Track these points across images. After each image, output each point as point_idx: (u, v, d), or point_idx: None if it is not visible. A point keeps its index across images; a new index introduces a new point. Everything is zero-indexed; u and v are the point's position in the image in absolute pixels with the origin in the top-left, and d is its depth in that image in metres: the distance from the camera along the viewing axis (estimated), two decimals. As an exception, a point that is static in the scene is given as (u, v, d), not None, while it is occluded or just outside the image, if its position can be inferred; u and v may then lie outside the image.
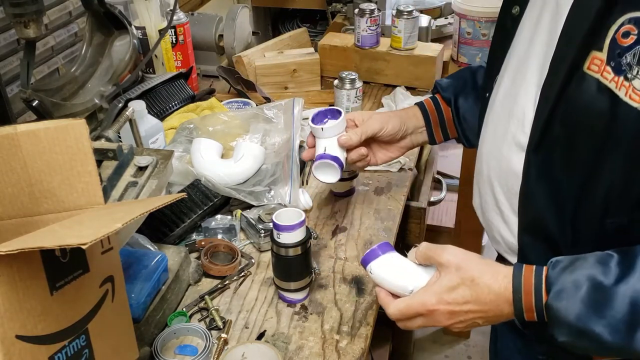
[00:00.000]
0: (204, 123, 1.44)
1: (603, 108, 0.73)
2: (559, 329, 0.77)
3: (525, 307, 0.79)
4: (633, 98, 0.70)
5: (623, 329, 0.72)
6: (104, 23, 1.43)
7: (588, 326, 0.74)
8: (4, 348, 0.59)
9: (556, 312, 0.76)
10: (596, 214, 0.80)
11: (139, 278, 0.98)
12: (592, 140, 0.76)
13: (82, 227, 0.67)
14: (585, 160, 0.78)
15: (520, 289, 0.80)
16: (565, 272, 0.77)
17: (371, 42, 1.76)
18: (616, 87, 0.71)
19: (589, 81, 0.75)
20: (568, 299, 0.75)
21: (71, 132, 0.77)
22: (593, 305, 0.74)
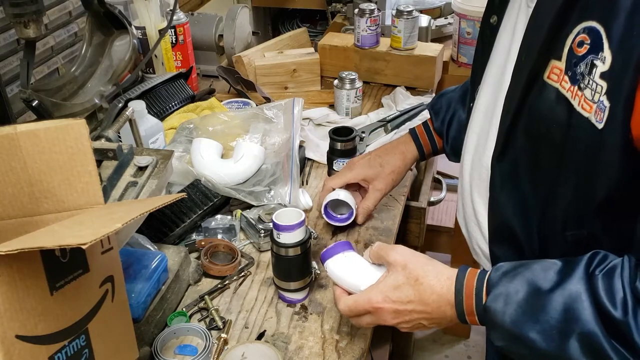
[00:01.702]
0: (204, 123, 1.44)
1: (561, 118, 0.73)
2: (495, 332, 0.77)
3: (467, 310, 0.80)
4: (585, 108, 0.70)
5: (556, 336, 0.71)
6: (104, 23, 1.43)
7: (523, 331, 0.73)
8: (4, 348, 0.59)
9: (493, 316, 0.76)
10: (557, 225, 0.80)
11: (139, 278, 0.98)
12: (553, 150, 0.76)
13: (82, 227, 0.67)
14: (548, 172, 0.78)
15: (462, 291, 0.80)
16: (506, 277, 0.77)
17: (371, 42, 1.76)
18: (572, 97, 0.72)
19: (549, 90, 0.75)
20: (505, 303, 0.75)
21: (71, 132, 0.77)
22: (529, 310, 0.73)
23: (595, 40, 0.68)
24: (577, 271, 0.72)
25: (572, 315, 0.70)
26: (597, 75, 0.68)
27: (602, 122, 0.68)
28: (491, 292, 0.77)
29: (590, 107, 0.69)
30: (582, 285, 0.70)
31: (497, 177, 0.85)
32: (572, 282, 0.71)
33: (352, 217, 1.23)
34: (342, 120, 1.60)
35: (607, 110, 0.67)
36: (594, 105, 0.69)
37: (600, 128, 0.69)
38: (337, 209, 1.25)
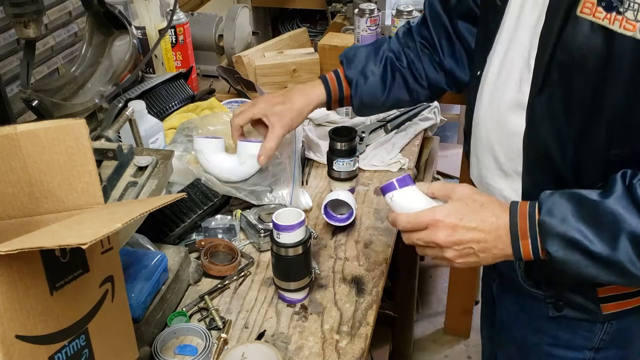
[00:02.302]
0: (204, 123, 1.43)
1: (597, 46, 0.79)
2: (551, 241, 0.82)
3: (521, 232, 0.85)
4: (627, 28, 0.76)
5: (607, 237, 0.79)
6: (104, 23, 1.43)
7: (577, 236, 0.80)
8: (4, 348, 0.59)
9: (548, 226, 0.82)
10: (600, 147, 0.85)
11: (139, 278, 0.98)
12: (588, 79, 0.82)
13: (82, 227, 0.67)
14: (584, 101, 0.84)
15: (517, 213, 0.86)
16: (554, 194, 0.84)
17: None
18: (610, 23, 0.77)
19: (582, 23, 0.80)
20: (558, 212, 0.82)
21: (71, 132, 0.77)
22: (580, 216, 0.81)
23: None
24: (617, 185, 0.80)
25: (618, 217, 0.78)
26: None
27: None
28: (543, 207, 0.83)
29: (634, 26, 0.75)
30: (623, 194, 0.79)
31: (537, 112, 0.89)
32: (614, 192, 0.80)
33: (352, 217, 1.23)
34: (342, 120, 1.60)
35: None
36: (637, 24, 0.75)
37: None
38: (337, 209, 1.25)
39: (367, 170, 1.44)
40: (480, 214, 0.87)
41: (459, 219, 0.87)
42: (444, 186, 0.92)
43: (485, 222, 0.86)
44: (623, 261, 0.78)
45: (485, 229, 0.86)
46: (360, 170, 1.40)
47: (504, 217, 0.86)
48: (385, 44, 1.26)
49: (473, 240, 0.86)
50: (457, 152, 2.73)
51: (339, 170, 1.31)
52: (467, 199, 0.89)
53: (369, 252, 1.19)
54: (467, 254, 0.88)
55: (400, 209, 0.93)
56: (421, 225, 0.89)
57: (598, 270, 0.81)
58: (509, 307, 1.12)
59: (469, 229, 0.86)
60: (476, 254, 0.87)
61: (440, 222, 0.87)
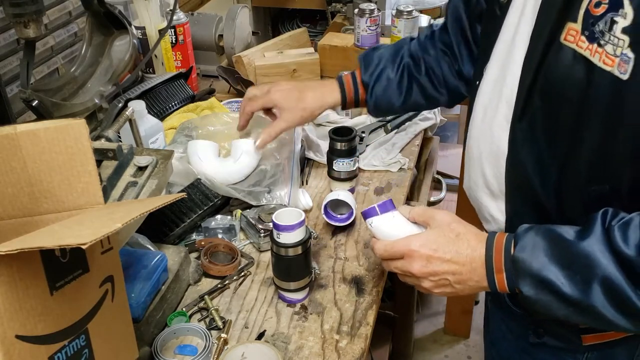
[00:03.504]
0: (204, 123, 1.44)
1: (579, 76, 0.77)
2: (523, 280, 0.80)
3: (496, 266, 0.83)
4: (606, 63, 0.74)
5: (580, 281, 0.76)
6: (104, 23, 1.43)
7: (549, 276, 0.78)
8: (4, 348, 0.59)
9: (521, 264, 0.80)
10: (580, 181, 0.83)
11: (138, 278, 0.98)
12: (570, 109, 0.80)
13: (82, 227, 0.67)
14: (565, 130, 0.82)
15: (492, 246, 0.84)
16: (531, 230, 0.82)
17: (371, 42, 1.76)
18: (591, 55, 0.75)
19: (565, 51, 0.78)
20: (532, 252, 0.80)
21: (71, 132, 0.77)
22: (554, 257, 0.78)
23: None
24: (595, 226, 0.77)
25: (593, 262, 0.75)
26: (619, 31, 0.72)
27: (626, 74, 0.72)
28: (518, 243, 0.81)
29: (613, 60, 0.73)
30: (600, 236, 0.76)
31: (517, 138, 0.88)
32: (592, 234, 0.77)
33: (352, 217, 1.23)
34: (342, 120, 1.60)
35: (631, 62, 0.71)
36: (616, 59, 0.73)
37: (625, 79, 0.72)
38: (337, 209, 1.25)
39: (367, 170, 1.44)
40: (456, 245, 0.86)
41: (433, 250, 0.86)
42: (425, 212, 0.92)
43: (460, 255, 0.85)
44: (597, 306, 0.76)
45: (460, 261, 0.85)
46: (360, 170, 1.40)
47: (480, 250, 0.85)
48: (405, 47, 1.25)
49: (448, 272, 0.86)
50: (457, 152, 2.73)
51: (339, 170, 1.31)
52: (445, 228, 0.88)
53: (369, 252, 1.19)
54: (443, 284, 0.87)
55: (380, 234, 0.93)
56: (397, 254, 0.89)
57: (570, 313, 0.79)
58: (498, 323, 1.11)
59: (443, 261, 0.86)
60: (452, 285, 0.87)
61: (415, 252, 0.87)
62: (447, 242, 0.86)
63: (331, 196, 1.22)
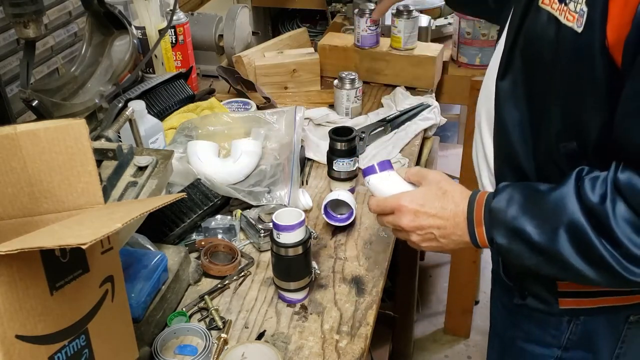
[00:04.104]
0: (204, 123, 1.44)
1: (551, 36, 0.82)
2: (498, 229, 0.85)
3: (476, 219, 0.88)
4: (568, 19, 0.79)
5: (548, 229, 0.81)
6: (104, 23, 1.43)
7: (520, 225, 0.83)
8: (4, 348, 0.59)
9: (496, 213, 0.85)
10: (550, 139, 0.87)
11: (139, 278, 0.98)
12: (543, 69, 0.85)
13: (82, 227, 0.67)
14: (539, 90, 0.87)
15: (474, 201, 0.89)
16: (510, 186, 0.87)
17: (371, 42, 1.76)
18: (559, 14, 0.81)
19: (542, 14, 0.84)
20: (508, 203, 0.85)
21: (71, 132, 0.77)
22: (526, 207, 0.83)
23: None
24: (569, 179, 0.82)
25: (560, 209, 0.80)
26: None
27: (581, 26, 0.77)
28: (496, 196, 0.87)
29: (574, 17, 0.78)
30: (572, 187, 0.80)
31: (500, 95, 0.93)
32: (564, 185, 0.81)
33: (352, 217, 1.23)
34: (342, 120, 1.60)
35: (585, 15, 0.76)
36: (576, 15, 0.78)
37: (579, 32, 0.77)
38: (337, 209, 1.25)
39: (367, 170, 1.44)
40: (441, 202, 0.91)
41: (420, 205, 0.92)
42: (418, 172, 0.97)
43: (445, 210, 0.90)
44: (563, 253, 0.79)
45: (445, 215, 0.90)
46: (360, 170, 1.40)
47: (463, 205, 0.90)
48: None
49: (433, 226, 0.91)
50: (457, 152, 2.72)
51: (339, 170, 1.31)
52: (434, 186, 0.93)
53: (369, 252, 1.19)
54: (429, 238, 0.93)
55: (376, 191, 0.99)
56: (387, 209, 0.95)
57: (539, 262, 0.83)
58: (495, 301, 1.15)
59: (429, 215, 0.91)
60: (437, 239, 0.92)
61: (404, 207, 0.92)
62: (434, 198, 0.92)
63: (331, 196, 1.22)
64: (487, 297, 2.47)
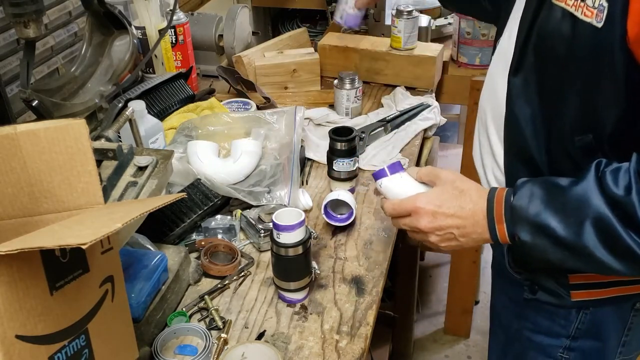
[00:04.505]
0: (204, 123, 1.44)
1: (566, 31, 0.82)
2: (521, 227, 0.85)
3: (496, 216, 0.88)
4: (586, 14, 0.79)
5: (573, 223, 0.81)
6: (104, 23, 1.43)
7: (544, 221, 0.83)
8: (4, 348, 0.59)
9: (519, 211, 0.85)
10: (565, 133, 0.87)
11: (139, 278, 0.98)
12: (558, 65, 0.85)
13: (82, 227, 0.67)
14: (553, 85, 0.87)
15: (493, 199, 0.89)
16: (529, 181, 0.87)
17: (354, 23, 1.62)
18: (575, 10, 0.81)
19: (555, 10, 0.84)
20: (529, 199, 0.85)
21: (71, 132, 0.77)
22: (549, 203, 0.83)
23: None
24: (589, 172, 0.82)
25: (584, 203, 0.80)
26: None
27: (601, 21, 0.76)
28: (516, 193, 0.87)
29: (592, 12, 0.78)
30: (593, 181, 0.80)
31: (513, 92, 0.93)
32: (585, 179, 0.81)
33: (352, 217, 1.23)
34: (342, 120, 1.60)
35: (605, 10, 0.76)
36: (594, 10, 0.77)
37: (599, 27, 0.77)
38: (337, 209, 1.25)
39: (367, 170, 1.44)
40: (459, 201, 0.91)
41: (438, 206, 0.91)
42: (431, 171, 0.97)
43: (463, 209, 0.90)
44: (589, 246, 0.79)
45: (463, 215, 0.90)
46: (360, 170, 1.40)
47: (482, 203, 0.90)
48: None
49: (452, 226, 0.91)
50: (457, 152, 2.72)
51: (339, 170, 1.31)
52: (449, 186, 0.93)
53: (369, 252, 1.19)
54: (449, 238, 0.92)
55: (389, 194, 0.98)
56: (404, 212, 0.95)
57: (564, 256, 0.83)
58: (499, 294, 1.16)
59: (447, 216, 0.91)
60: (457, 238, 0.92)
61: (421, 209, 0.92)
62: (451, 198, 0.91)
63: (331, 196, 1.22)
64: (487, 297, 2.47)
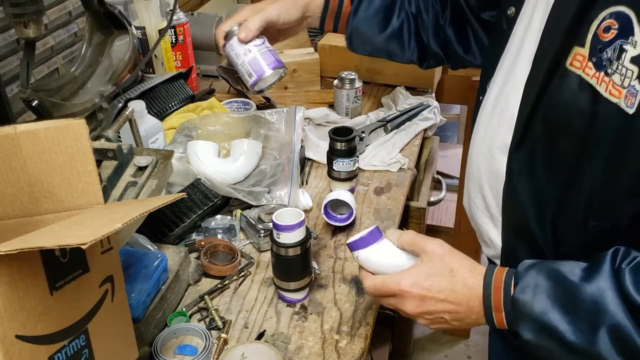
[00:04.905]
0: (204, 123, 1.44)
1: (584, 106, 0.72)
2: (524, 324, 0.76)
3: (494, 305, 0.79)
4: (613, 93, 0.69)
5: (586, 328, 0.71)
6: (104, 23, 1.43)
7: (552, 322, 0.73)
8: (4, 348, 0.59)
9: (522, 307, 0.75)
10: (578, 216, 0.78)
11: (138, 278, 0.98)
12: (573, 140, 0.75)
13: (82, 227, 0.67)
14: (566, 161, 0.77)
15: (491, 284, 0.79)
16: (533, 269, 0.77)
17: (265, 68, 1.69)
18: (597, 84, 0.70)
19: (571, 77, 0.73)
20: (534, 294, 0.75)
21: (71, 132, 0.77)
22: (557, 301, 0.73)
23: (625, 24, 0.67)
24: (604, 266, 0.71)
25: (600, 308, 0.70)
26: (628, 60, 0.67)
27: (633, 107, 0.67)
28: (519, 283, 0.76)
29: (620, 92, 0.68)
30: (609, 279, 0.70)
31: (514, 166, 0.84)
32: (599, 276, 0.71)
33: (352, 217, 1.23)
34: (342, 120, 1.60)
35: (638, 95, 0.66)
36: (623, 91, 0.68)
37: (631, 113, 0.67)
38: (337, 209, 1.25)
39: (367, 170, 1.44)
40: (450, 283, 0.81)
41: (426, 290, 0.81)
42: (414, 241, 0.86)
43: (455, 293, 0.80)
44: (603, 355, 0.70)
45: (456, 300, 0.81)
46: (360, 170, 1.40)
47: (477, 288, 0.80)
48: None
49: (444, 311, 0.82)
50: (457, 152, 2.72)
51: (339, 170, 1.31)
52: (437, 263, 0.82)
53: (369, 252, 1.19)
54: (440, 322, 0.84)
55: (369, 266, 0.89)
56: (387, 293, 0.85)
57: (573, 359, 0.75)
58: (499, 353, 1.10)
59: (437, 300, 0.81)
60: (448, 322, 0.83)
61: (407, 292, 0.82)
62: (441, 279, 0.81)
63: (331, 196, 1.22)
64: (487, 297, 2.46)
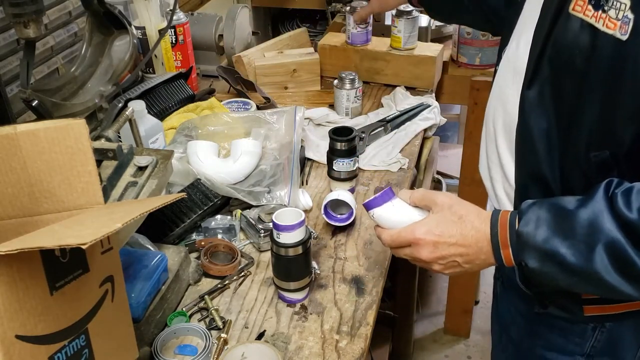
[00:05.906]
0: (204, 123, 1.44)
1: (585, 44, 0.80)
2: (529, 254, 0.82)
3: (501, 242, 0.85)
4: (609, 26, 0.77)
5: (584, 249, 0.78)
6: (104, 23, 1.43)
7: (553, 247, 0.80)
8: (4, 348, 0.59)
9: (526, 238, 0.82)
10: (580, 148, 0.85)
11: (138, 278, 0.98)
12: (575, 78, 0.82)
13: (82, 227, 0.67)
14: (569, 99, 0.85)
15: (497, 224, 0.86)
16: (534, 205, 0.84)
17: (361, 40, 1.75)
18: (595, 21, 0.78)
19: (573, 21, 0.82)
20: (536, 225, 0.82)
21: (71, 132, 0.77)
22: (557, 228, 0.80)
23: None
24: (598, 193, 0.79)
25: (595, 228, 0.77)
26: None
27: (626, 34, 0.75)
28: (522, 218, 0.83)
29: (615, 24, 0.76)
30: (603, 202, 0.78)
31: (526, 105, 0.90)
32: (594, 201, 0.79)
33: (352, 217, 1.23)
34: (342, 120, 1.60)
35: (631, 22, 0.74)
36: (618, 22, 0.76)
37: (624, 39, 0.75)
38: (337, 209, 1.25)
39: (367, 170, 1.44)
40: (460, 228, 0.87)
41: (438, 236, 0.88)
42: (425, 196, 0.93)
43: (465, 237, 0.87)
44: (599, 272, 0.77)
45: (466, 242, 0.87)
46: (360, 170, 1.40)
47: (484, 229, 0.87)
48: None
49: (455, 254, 0.88)
50: (457, 152, 2.72)
51: (339, 170, 1.31)
52: (447, 212, 0.89)
53: (369, 252, 1.19)
54: (453, 266, 0.89)
55: (383, 223, 0.94)
56: (403, 242, 0.91)
57: (574, 281, 0.81)
58: (508, 307, 1.13)
59: (449, 244, 0.87)
60: (461, 265, 0.89)
61: (421, 239, 0.88)
62: (451, 225, 0.88)
63: (331, 196, 1.22)
64: (487, 297, 2.47)
